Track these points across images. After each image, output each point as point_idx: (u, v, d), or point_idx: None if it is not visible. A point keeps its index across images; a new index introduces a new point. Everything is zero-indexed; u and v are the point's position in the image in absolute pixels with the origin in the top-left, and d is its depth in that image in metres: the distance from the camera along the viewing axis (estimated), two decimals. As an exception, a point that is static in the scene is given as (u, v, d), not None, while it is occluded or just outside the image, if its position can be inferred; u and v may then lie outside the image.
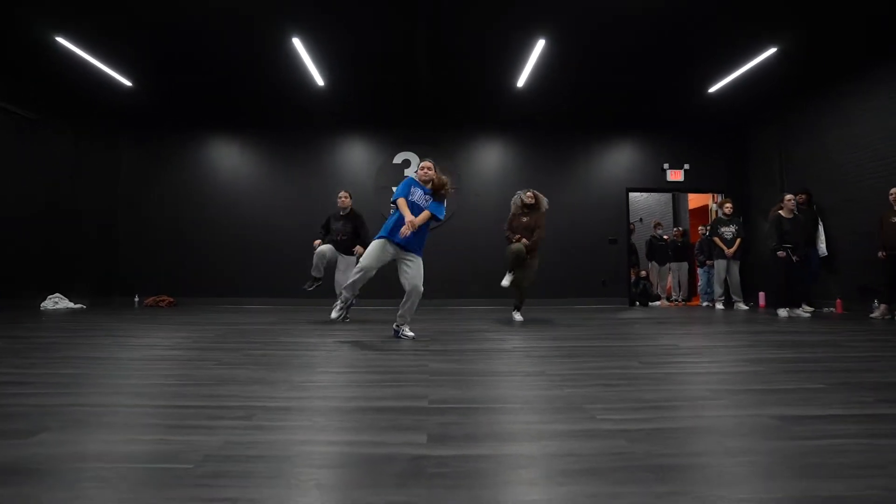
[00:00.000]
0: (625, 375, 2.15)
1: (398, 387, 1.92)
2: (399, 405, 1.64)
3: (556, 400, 1.72)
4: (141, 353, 2.74)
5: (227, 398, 1.73)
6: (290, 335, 3.65)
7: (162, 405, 1.65)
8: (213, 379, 2.05)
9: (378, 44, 5.50)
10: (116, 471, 1.07)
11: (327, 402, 1.72)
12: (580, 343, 3.21)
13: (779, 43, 5.26)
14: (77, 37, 5.17)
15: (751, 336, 3.59)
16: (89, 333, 3.70)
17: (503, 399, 1.75)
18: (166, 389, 1.88)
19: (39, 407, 1.59)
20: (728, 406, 1.64)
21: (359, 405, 1.66)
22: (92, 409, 1.57)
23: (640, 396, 1.77)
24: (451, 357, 2.64)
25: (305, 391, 1.85)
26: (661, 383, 2.00)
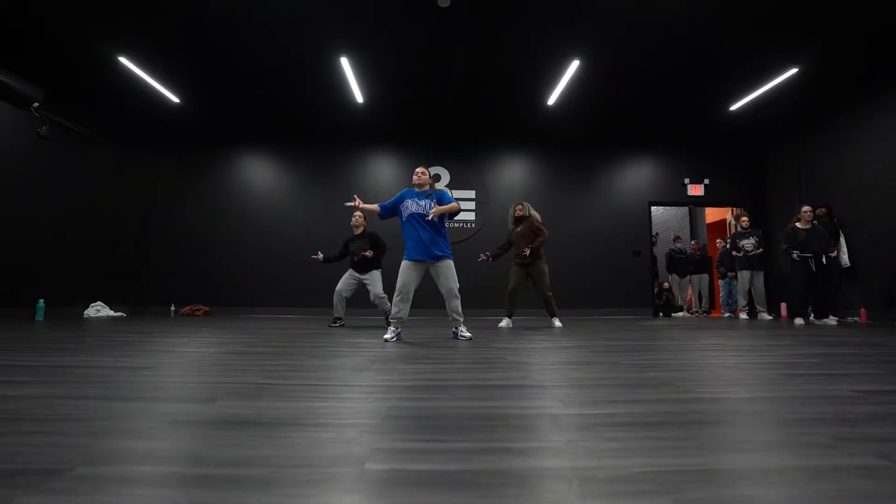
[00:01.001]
0: (697, 365, 2.33)
1: (495, 371, 2.10)
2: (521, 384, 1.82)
3: (648, 380, 1.90)
4: (229, 348, 2.93)
5: (347, 380, 1.92)
6: (356, 337, 3.83)
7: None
8: (320, 368, 2.23)
9: (417, 63, 5.81)
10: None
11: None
12: (634, 342, 3.39)
13: (800, 63, 5.54)
14: (137, 56, 5.50)
15: (791, 338, 3.75)
16: (190, 342, 3.89)
17: (599, 379, 1.93)
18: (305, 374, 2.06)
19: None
20: (804, 383, 1.82)
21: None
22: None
23: (721, 377, 1.95)
24: (521, 351, 2.82)
25: (415, 374, 2.04)
26: (732, 370, 2.17)
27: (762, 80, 5.96)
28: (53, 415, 1.29)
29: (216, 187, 8.04)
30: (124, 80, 5.98)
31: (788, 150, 7.57)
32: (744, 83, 6.08)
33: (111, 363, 2.21)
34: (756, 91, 6.23)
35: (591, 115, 7.30)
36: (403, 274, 3.42)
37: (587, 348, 3.01)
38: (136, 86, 6.20)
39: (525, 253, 4.86)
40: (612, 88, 6.31)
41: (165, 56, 5.52)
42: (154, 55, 5.47)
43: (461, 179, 7.95)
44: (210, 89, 6.45)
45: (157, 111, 7.16)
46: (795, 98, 6.45)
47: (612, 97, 6.63)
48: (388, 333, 3.43)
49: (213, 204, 8.01)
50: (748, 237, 7.00)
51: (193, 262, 7.86)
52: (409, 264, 3.44)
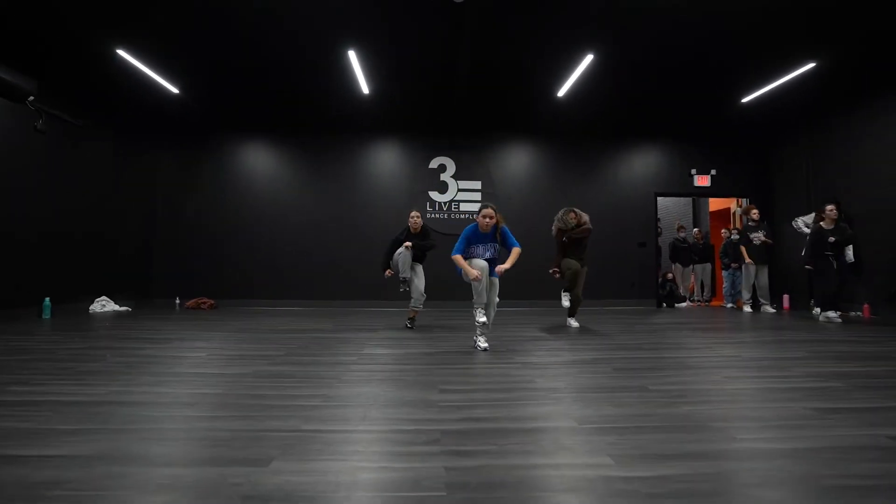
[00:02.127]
0: (723, 392, 2.37)
1: (531, 405, 2.12)
2: (554, 426, 1.84)
3: (685, 419, 1.93)
4: (254, 369, 2.93)
5: (388, 422, 1.93)
6: (369, 346, 3.85)
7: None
8: (356, 400, 2.25)
9: (424, 54, 5.63)
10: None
11: (482, 424, 1.91)
12: (652, 354, 3.43)
13: (817, 57, 5.43)
14: (135, 47, 5.28)
15: (803, 346, 3.81)
16: (174, 345, 3.88)
17: (636, 418, 1.95)
18: (324, 413, 2.07)
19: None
20: (836, 425, 1.85)
21: (515, 427, 1.86)
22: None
23: (751, 415, 1.98)
24: (546, 372, 2.85)
25: (453, 410, 2.05)
26: (757, 400, 2.21)
27: (777, 73, 5.84)
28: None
29: (219, 179, 7.89)
30: (122, 71, 5.75)
31: (798, 144, 7.51)
32: (758, 76, 5.96)
33: (138, 398, 2.19)
34: (770, 84, 6.12)
35: (599, 106, 7.17)
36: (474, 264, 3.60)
37: (608, 364, 3.05)
38: (134, 77, 5.97)
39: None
40: (623, 79, 6.18)
41: (164, 46, 5.31)
42: (152, 45, 5.26)
43: (467, 169, 7.85)
44: (211, 80, 6.24)
45: (156, 102, 6.93)
46: (807, 91, 6.35)
47: (622, 88, 6.49)
48: (483, 342, 3.61)
49: (217, 195, 7.87)
50: (757, 230, 7.02)
51: (198, 254, 7.79)
52: (479, 263, 3.63)
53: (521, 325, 5.42)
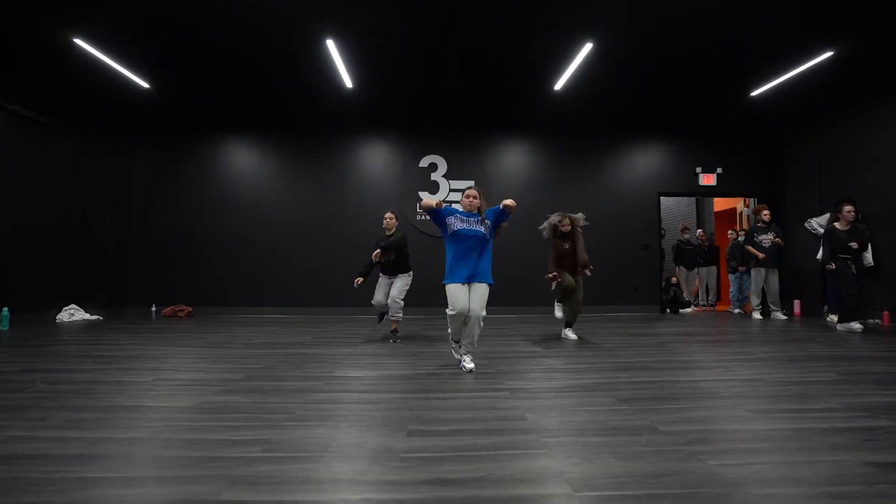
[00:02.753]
0: (754, 436, 1.95)
1: (517, 459, 1.71)
2: (544, 493, 1.43)
3: (711, 482, 1.51)
4: (198, 400, 2.52)
5: (335, 486, 1.51)
6: (343, 365, 3.44)
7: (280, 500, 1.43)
8: (302, 448, 1.83)
9: (410, 44, 5.22)
10: None
11: (455, 491, 1.50)
12: (660, 376, 3.02)
13: (836, 46, 5.01)
14: (94, 37, 4.87)
15: (831, 365, 3.40)
16: (125, 365, 3.47)
17: (650, 482, 1.53)
18: (257, 471, 1.66)
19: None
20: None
21: (496, 495, 1.44)
22: None
23: (795, 474, 1.56)
24: (538, 403, 2.43)
25: (417, 468, 1.63)
26: (799, 450, 1.79)
27: (791, 63, 5.42)
28: None
29: (197, 179, 7.47)
30: (84, 63, 5.33)
31: (808, 140, 7.07)
32: (770, 66, 5.54)
33: (29, 447, 1.76)
34: (783, 75, 5.69)
35: (598, 100, 6.76)
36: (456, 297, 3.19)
37: (611, 391, 2.63)
38: (99, 70, 5.56)
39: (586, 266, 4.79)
40: (624, 71, 5.77)
41: (128, 36, 4.89)
42: (114, 35, 4.84)
43: (459, 168, 7.42)
44: (183, 74, 5.83)
45: (129, 99, 6.51)
46: (822, 83, 5.93)
47: (624, 81, 6.08)
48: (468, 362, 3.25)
49: (195, 197, 7.45)
50: (766, 232, 6.60)
51: (176, 259, 7.37)
52: (456, 286, 3.22)
53: (513, 336, 5.01)
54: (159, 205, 7.44)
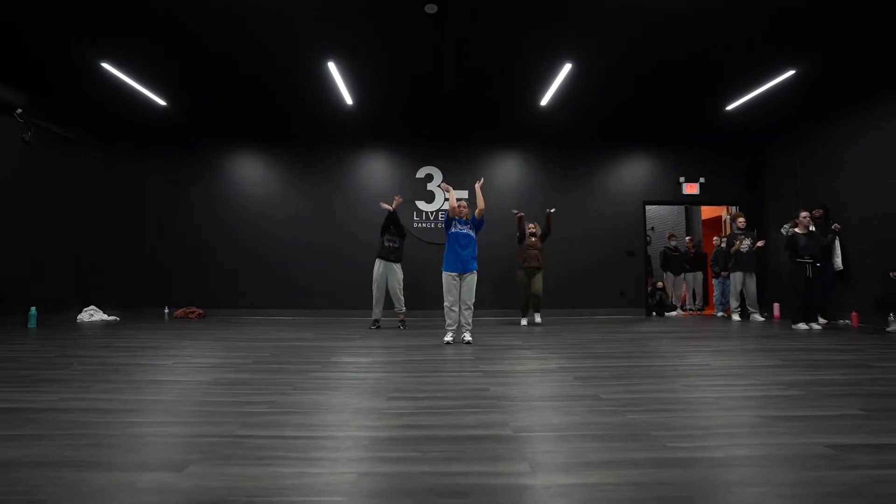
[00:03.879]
0: (677, 400, 2.33)
1: (474, 414, 2.10)
2: (488, 434, 1.82)
3: (623, 427, 1.89)
4: (213, 377, 2.92)
5: (331, 428, 1.91)
6: (340, 354, 3.84)
7: (286, 435, 1.83)
8: (301, 406, 2.23)
9: (408, 65, 5.69)
10: None
11: (421, 432, 1.89)
12: (620, 362, 3.39)
13: (797, 65, 5.43)
14: (119, 59, 5.38)
15: (779, 354, 3.75)
16: (146, 353, 3.88)
17: (576, 426, 1.92)
18: (263, 419, 2.05)
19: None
20: (781, 433, 1.81)
21: (452, 434, 1.83)
22: (219, 438, 1.75)
23: (699, 423, 1.94)
24: (504, 380, 2.82)
25: (394, 418, 2.03)
26: (711, 408, 2.17)
27: (758, 81, 5.85)
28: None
29: (207, 189, 7.96)
30: (109, 83, 5.85)
31: (785, 150, 7.48)
32: (740, 84, 5.97)
33: (81, 405, 2.18)
34: (752, 92, 6.12)
35: (584, 114, 7.19)
36: (449, 289, 4.41)
37: (571, 372, 3.01)
38: (120, 89, 6.08)
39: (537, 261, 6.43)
40: (606, 87, 6.20)
41: (149, 59, 5.40)
42: (137, 59, 5.35)
43: (453, 179, 7.84)
44: (197, 92, 6.33)
45: (144, 114, 7.03)
46: (792, 98, 6.34)
47: (605, 96, 6.51)
48: (447, 336, 4.42)
49: (205, 206, 7.93)
50: (744, 238, 6.96)
51: (186, 264, 7.83)
52: (449, 277, 4.41)
53: (499, 334, 5.39)
54: (171, 213, 7.93)
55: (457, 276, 4.41)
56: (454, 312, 4.42)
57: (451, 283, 4.40)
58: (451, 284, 4.40)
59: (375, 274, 5.84)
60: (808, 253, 5.59)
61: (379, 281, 5.82)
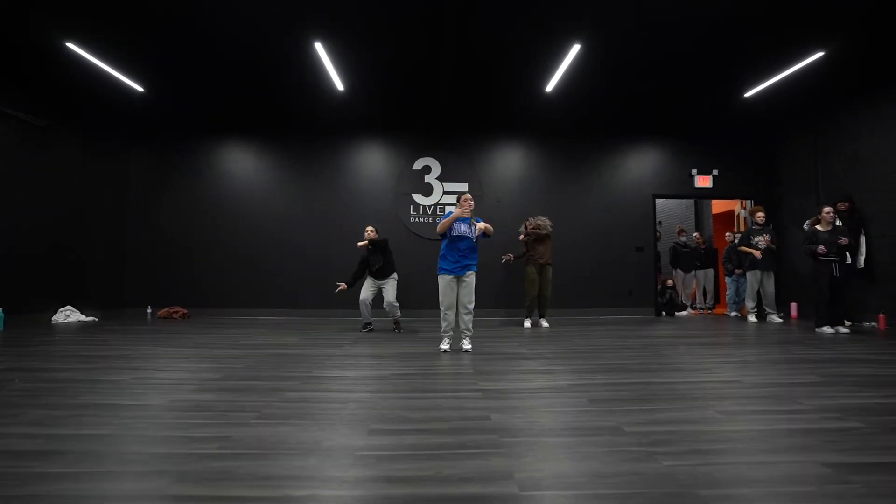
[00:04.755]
0: (717, 436, 1.92)
1: (471, 458, 1.70)
2: (487, 493, 1.42)
3: (658, 481, 1.49)
4: (170, 398, 2.53)
5: (286, 481, 1.51)
6: (323, 366, 3.44)
7: (215, 496, 1.44)
8: (258, 445, 1.83)
9: (402, 49, 5.25)
10: None
11: (398, 489, 1.50)
12: (639, 378, 2.99)
13: (826, 47, 4.97)
14: (88, 42, 4.94)
15: (814, 367, 3.35)
16: (107, 364, 3.50)
17: (598, 479, 1.52)
18: (207, 467, 1.66)
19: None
20: (863, 495, 1.41)
21: (439, 493, 1.43)
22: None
23: (751, 475, 1.54)
24: (507, 404, 2.42)
25: (368, 466, 1.63)
26: (760, 449, 1.77)
27: (783, 63, 5.37)
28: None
29: (193, 182, 7.54)
30: (79, 67, 5.40)
31: (805, 140, 7.01)
32: (762, 67, 5.49)
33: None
34: (776, 76, 5.64)
35: (592, 102, 6.74)
36: (445, 292, 4.01)
37: (583, 392, 2.61)
38: (95, 74, 5.62)
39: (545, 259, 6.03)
40: (615, 72, 5.74)
41: (119, 39, 4.95)
42: (105, 38, 4.90)
43: (453, 171, 7.44)
44: (176, 77, 5.88)
45: (126, 103, 6.57)
46: (816, 84, 5.86)
47: (615, 82, 6.05)
48: (444, 344, 4.06)
49: (192, 200, 7.52)
50: (761, 234, 6.54)
51: (171, 261, 7.43)
52: (447, 280, 4.01)
53: (502, 338, 4.99)
54: (154, 207, 7.52)
55: (454, 280, 4.03)
56: (450, 317, 4.05)
57: (447, 287, 4.02)
58: (448, 288, 4.02)
59: (363, 293, 5.38)
60: (831, 252, 5.15)
61: (365, 295, 5.38)
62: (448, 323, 4.06)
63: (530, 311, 6.08)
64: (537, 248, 5.98)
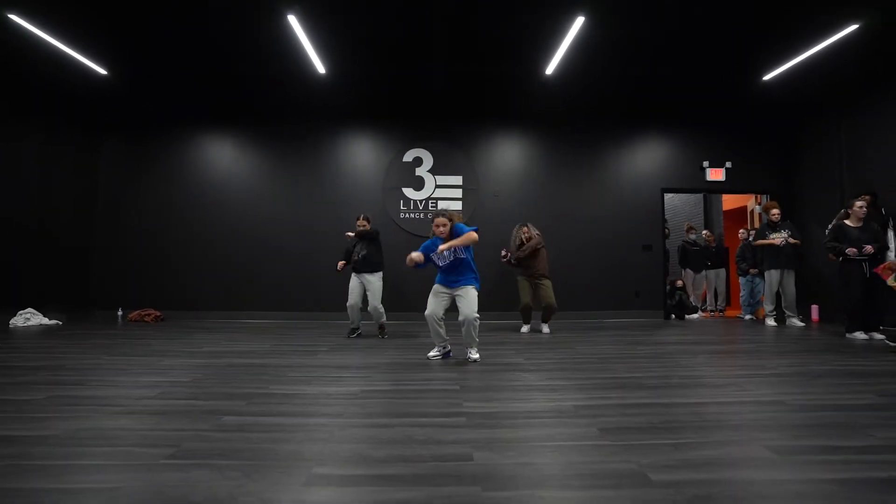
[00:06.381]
0: (771, 489, 1.41)
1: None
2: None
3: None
4: (76, 426, 2.03)
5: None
6: (283, 379, 2.93)
7: None
8: (150, 501, 1.32)
9: (387, 26, 4.76)
10: None
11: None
12: (657, 397, 2.48)
13: (862, 18, 4.44)
14: (34, 14, 4.42)
15: (865, 383, 2.83)
16: (29, 378, 3.00)
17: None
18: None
19: None
20: None
21: None
22: None
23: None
24: (496, 435, 1.91)
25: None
26: (837, 500, 1.26)
27: (809, 40, 4.84)
28: None
29: (166, 175, 7.03)
30: (29, 44, 4.89)
31: (830, 129, 6.44)
32: (785, 45, 4.97)
33: None
34: (800, 55, 5.11)
35: (595, 87, 6.23)
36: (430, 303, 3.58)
37: (592, 417, 2.09)
38: (47, 53, 5.11)
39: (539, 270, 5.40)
40: (623, 51, 5.24)
41: (71, 12, 4.45)
42: (52, 11, 4.39)
43: (446, 163, 6.92)
44: (140, 59, 5.38)
45: (86, 87, 6.06)
46: (844, 64, 5.33)
47: (621, 64, 5.55)
48: (433, 351, 3.68)
49: (164, 194, 7.00)
50: (777, 230, 6.01)
51: (143, 260, 6.92)
52: (434, 291, 3.62)
53: (499, 344, 4.48)
54: (124, 202, 7.01)
55: (445, 291, 3.58)
56: (433, 325, 3.57)
57: (433, 296, 3.60)
58: (433, 297, 3.59)
59: (350, 297, 4.89)
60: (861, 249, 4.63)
61: (352, 295, 4.87)
62: (433, 332, 3.62)
63: (526, 318, 5.56)
64: (527, 264, 5.42)
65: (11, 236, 6.00)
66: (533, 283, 5.43)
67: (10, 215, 5.97)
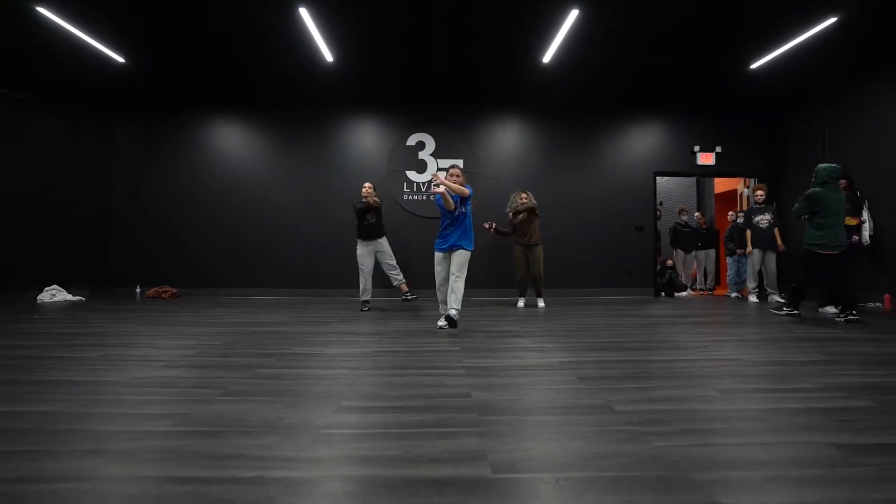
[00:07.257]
0: (713, 415, 1.77)
1: (444, 437, 1.55)
2: (456, 475, 1.26)
3: (649, 463, 1.34)
4: (133, 375, 2.39)
5: (235, 461, 1.36)
6: (304, 343, 3.30)
7: (153, 476, 1.28)
8: (216, 422, 1.68)
9: (392, 16, 4.98)
10: None
11: (360, 469, 1.34)
12: (633, 356, 2.84)
13: (840, 11, 4.69)
14: (60, 7, 4.67)
15: (818, 345, 3.20)
16: (76, 342, 3.36)
17: (582, 461, 1.37)
18: (158, 444, 1.51)
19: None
20: (873, 479, 1.26)
21: (404, 475, 1.28)
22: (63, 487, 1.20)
23: (751, 457, 1.39)
24: (491, 381, 2.27)
25: (330, 444, 1.48)
26: (761, 429, 1.62)
27: (793, 31, 5.09)
28: None
29: (179, 158, 7.31)
30: (54, 35, 5.12)
31: (813, 115, 6.73)
32: (770, 35, 5.22)
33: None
34: (784, 45, 5.36)
35: (591, 75, 6.47)
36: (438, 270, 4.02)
37: (574, 370, 2.46)
38: (70, 43, 5.35)
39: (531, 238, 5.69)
40: (616, 41, 5.48)
41: (95, 5, 4.68)
42: (79, 4, 4.63)
43: (447, 147, 7.19)
44: (157, 48, 5.62)
45: (105, 74, 6.31)
46: (826, 54, 5.58)
47: (615, 53, 5.79)
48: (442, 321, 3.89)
49: (179, 176, 7.30)
50: (762, 212, 6.33)
51: (160, 239, 7.26)
52: (438, 257, 4.02)
53: (497, 316, 4.84)
54: (141, 184, 7.31)
55: (444, 257, 4.03)
56: (443, 293, 4.04)
57: (437, 262, 4.06)
58: (438, 265, 4.06)
59: (359, 257, 5.31)
60: None
61: (364, 260, 5.28)
62: (442, 299, 4.06)
63: (522, 290, 5.93)
64: (521, 229, 5.72)
65: (36, 216, 6.32)
66: (527, 254, 5.73)
67: (35, 195, 6.28)
